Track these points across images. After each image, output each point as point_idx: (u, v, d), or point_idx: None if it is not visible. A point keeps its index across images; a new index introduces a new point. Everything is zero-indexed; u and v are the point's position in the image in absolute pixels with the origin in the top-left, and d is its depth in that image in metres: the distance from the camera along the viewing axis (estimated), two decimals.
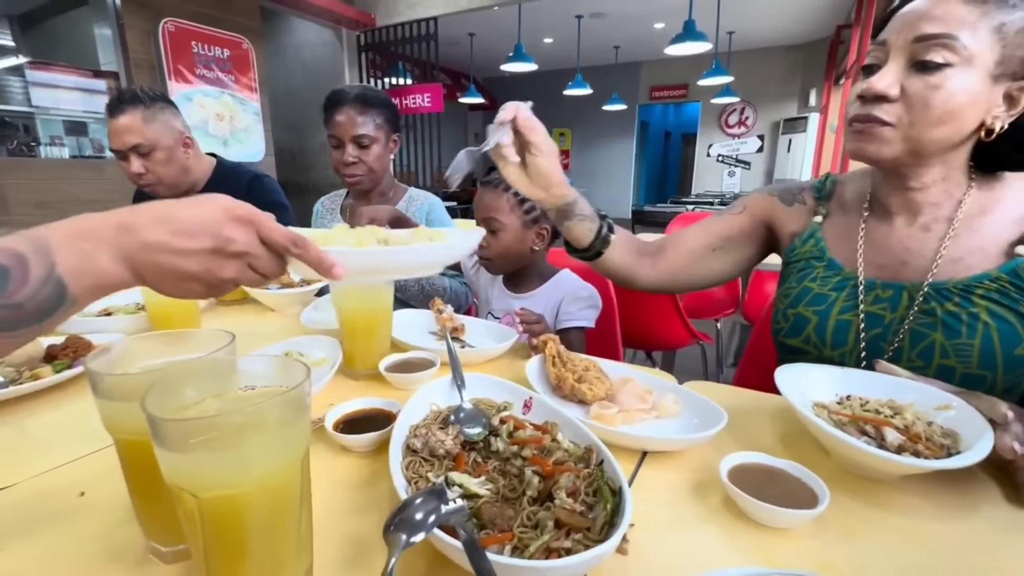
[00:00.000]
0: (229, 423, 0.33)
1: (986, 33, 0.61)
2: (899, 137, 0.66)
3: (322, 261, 0.47)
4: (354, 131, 1.31)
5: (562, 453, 0.52)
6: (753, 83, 8.26)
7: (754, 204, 0.92)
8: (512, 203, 1.10)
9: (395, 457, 0.52)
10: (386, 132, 1.37)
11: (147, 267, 0.41)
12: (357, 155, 1.33)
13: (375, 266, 0.57)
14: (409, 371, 0.78)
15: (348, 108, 1.31)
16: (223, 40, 3.95)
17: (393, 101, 1.42)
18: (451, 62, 8.83)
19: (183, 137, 1.48)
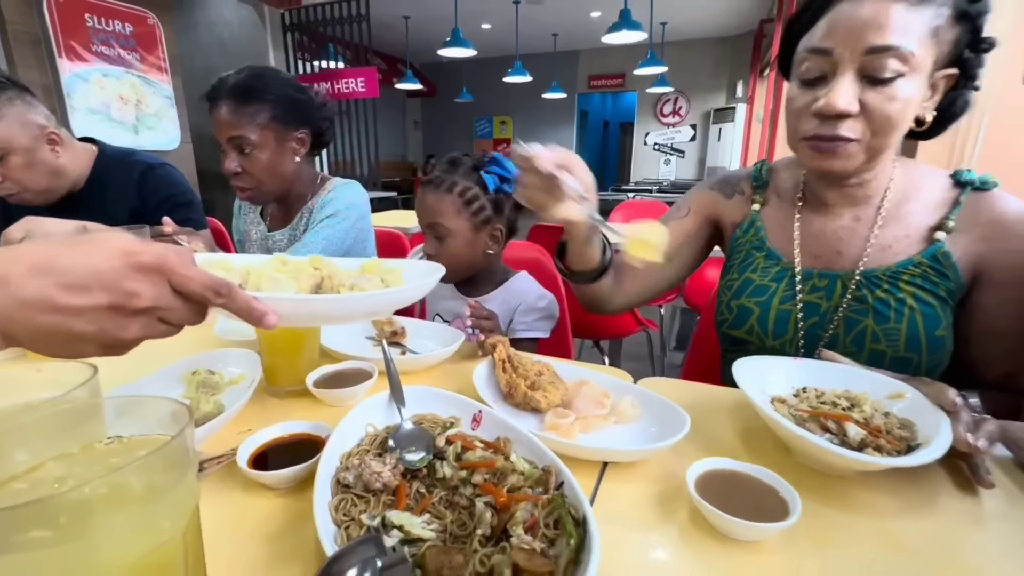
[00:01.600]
0: (69, 503, 0.24)
1: (926, 37, 0.61)
2: (862, 150, 0.66)
3: (252, 309, 0.39)
4: (229, 132, 1.07)
5: (517, 477, 0.46)
6: (686, 74, 8.54)
7: (697, 204, 0.91)
8: (458, 204, 0.96)
9: (321, 497, 0.44)
10: (278, 133, 1.11)
11: (21, 327, 0.33)
12: (239, 163, 1.09)
13: (315, 313, 0.49)
14: (343, 385, 0.69)
15: (223, 103, 1.06)
16: (124, 14, 3.53)
17: (304, 87, 1.17)
18: (387, 46, 8.48)
19: (46, 133, 1.20)
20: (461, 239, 0.98)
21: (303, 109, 1.15)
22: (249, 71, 1.09)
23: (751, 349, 0.81)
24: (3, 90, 1.13)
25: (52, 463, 0.29)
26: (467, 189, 0.97)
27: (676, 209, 0.93)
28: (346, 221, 1.17)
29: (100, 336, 0.35)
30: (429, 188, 0.98)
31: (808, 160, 0.71)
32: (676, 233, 0.90)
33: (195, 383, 0.67)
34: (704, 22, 7.56)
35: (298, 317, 0.49)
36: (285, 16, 4.90)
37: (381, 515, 0.42)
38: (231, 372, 0.72)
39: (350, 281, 0.53)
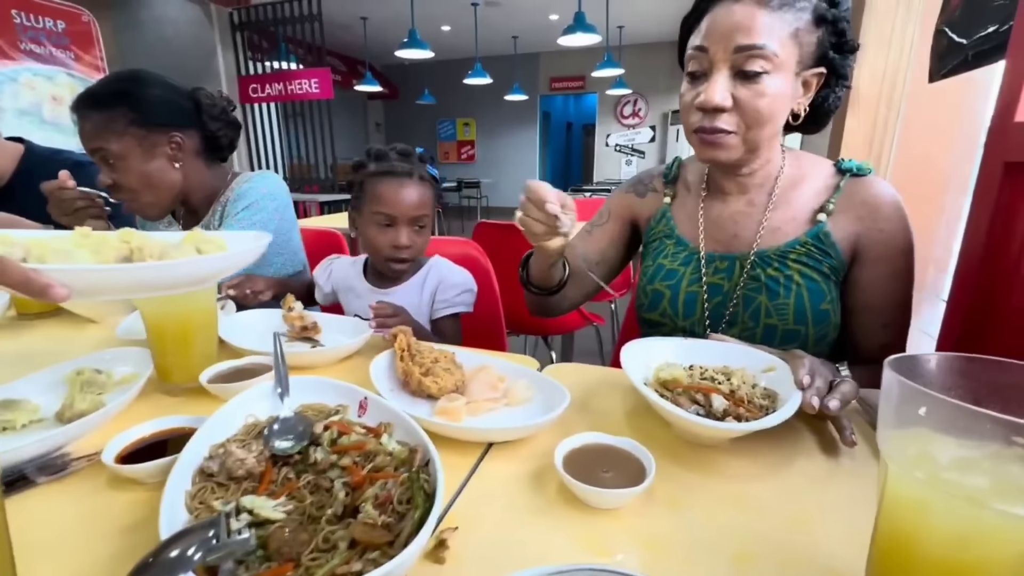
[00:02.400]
0: None
1: (788, 39, 0.67)
2: (739, 141, 0.72)
3: (30, 281, 0.37)
4: (89, 144, 1.01)
5: (384, 457, 0.47)
6: (643, 76, 8.74)
7: (615, 208, 0.96)
8: (433, 194, 1.02)
9: (176, 485, 0.43)
10: (141, 137, 1.02)
11: None
12: (110, 176, 1.03)
13: (113, 285, 0.47)
14: (240, 378, 0.68)
15: (81, 113, 1.00)
16: (55, 10, 3.37)
17: (175, 87, 1.09)
18: (345, 47, 8.36)
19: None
20: (430, 227, 1.03)
21: (175, 110, 1.08)
22: (112, 77, 1.04)
23: (665, 331, 0.85)
24: None
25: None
26: (434, 182, 1.03)
27: (599, 216, 0.98)
28: (262, 212, 1.13)
29: None
30: (411, 181, 0.99)
31: (697, 151, 0.76)
32: (601, 238, 0.95)
33: (79, 383, 0.64)
34: (660, 25, 7.76)
35: (93, 288, 0.46)
36: (234, 15, 4.77)
37: (236, 501, 0.42)
38: (121, 371, 0.69)
39: (160, 252, 0.51)
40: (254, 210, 1.12)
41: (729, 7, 0.68)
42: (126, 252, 0.51)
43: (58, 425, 0.57)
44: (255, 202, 1.12)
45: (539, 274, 0.86)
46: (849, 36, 0.71)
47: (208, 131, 1.12)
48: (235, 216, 1.11)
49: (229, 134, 1.17)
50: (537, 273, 0.87)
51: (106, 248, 0.49)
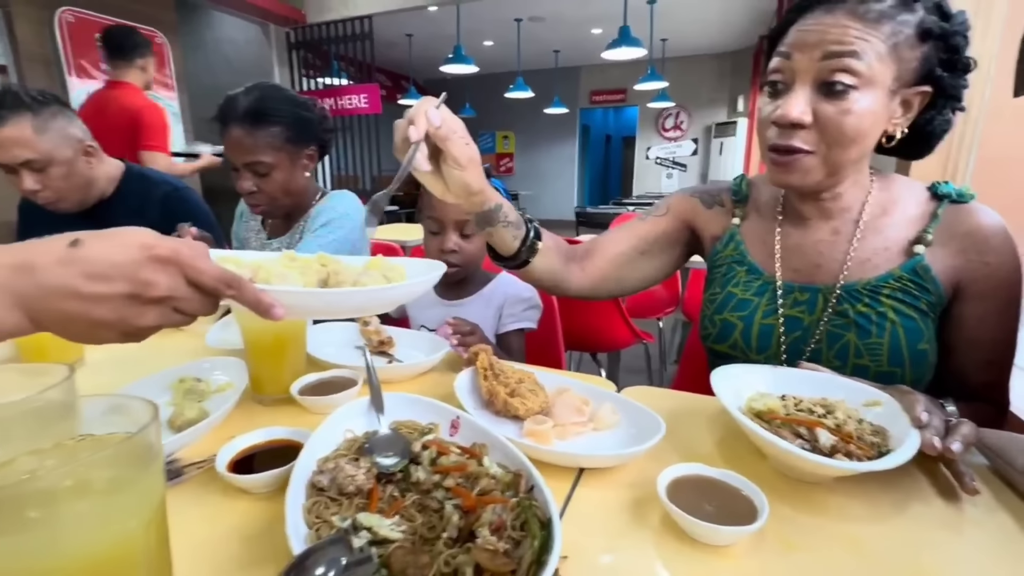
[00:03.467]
0: (33, 491, 0.25)
1: (884, 53, 0.62)
2: (819, 163, 0.67)
3: (260, 302, 0.42)
4: (245, 157, 1.10)
5: (488, 480, 0.47)
6: (686, 89, 8.63)
7: (676, 206, 0.90)
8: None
9: (294, 499, 0.45)
10: (290, 151, 1.14)
11: (49, 313, 0.36)
12: (255, 184, 1.12)
13: (320, 307, 0.52)
14: (328, 393, 0.70)
15: (237, 127, 1.08)
16: None
17: (310, 104, 1.20)
18: (390, 63, 8.63)
19: (83, 146, 1.28)
20: (480, 238, 1.01)
21: (311, 126, 1.18)
22: (259, 92, 1.11)
23: (737, 363, 0.80)
24: (46, 106, 1.20)
25: (24, 457, 0.30)
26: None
27: (655, 207, 0.92)
28: (340, 230, 1.19)
29: (120, 323, 0.37)
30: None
31: (770, 173, 0.72)
32: (653, 228, 0.89)
33: (182, 390, 0.68)
34: (704, 39, 7.67)
35: (304, 309, 0.51)
36: (290, 34, 5.00)
37: (352, 517, 0.43)
38: (218, 380, 0.73)
39: (353, 277, 0.55)
40: (332, 227, 1.17)
41: (819, 17, 0.64)
42: (324, 275, 0.55)
43: (170, 432, 0.60)
44: (332, 220, 1.18)
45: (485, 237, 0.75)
46: (963, 53, 0.65)
47: (322, 141, 1.22)
48: (313, 232, 1.16)
49: (331, 143, 1.27)
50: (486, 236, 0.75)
51: (309, 271, 0.54)
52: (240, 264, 0.54)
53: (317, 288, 0.53)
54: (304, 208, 1.26)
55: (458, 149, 0.61)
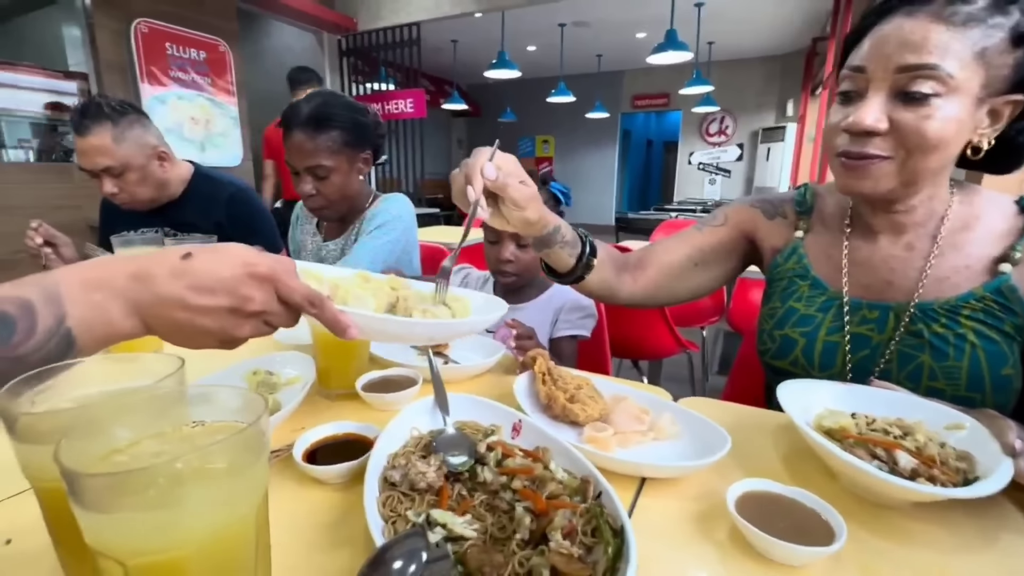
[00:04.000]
0: (165, 474, 0.28)
1: (969, 59, 0.59)
2: (895, 170, 0.64)
3: (338, 322, 0.45)
4: (306, 161, 1.14)
5: (556, 485, 0.47)
6: (732, 93, 8.41)
7: (735, 216, 0.88)
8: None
9: (370, 492, 0.47)
10: (348, 155, 1.19)
11: (160, 320, 0.40)
12: (315, 187, 1.17)
13: (391, 333, 0.55)
14: (389, 390, 0.72)
15: (299, 132, 1.13)
16: (199, 42, 3.85)
17: (366, 109, 1.24)
18: (435, 69, 8.79)
19: (157, 151, 1.38)
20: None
21: (367, 131, 1.22)
22: (320, 99, 1.16)
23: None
24: (125, 114, 1.30)
25: (148, 440, 0.33)
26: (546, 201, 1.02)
27: (712, 216, 0.90)
28: (393, 232, 1.23)
29: (220, 333, 0.41)
30: None
31: (839, 179, 0.69)
32: (710, 238, 0.87)
33: (255, 382, 0.72)
34: (752, 42, 7.46)
35: (373, 332, 0.53)
36: (342, 42, 5.18)
37: (426, 512, 0.45)
38: (287, 373, 0.76)
39: (422, 306, 0.57)
40: (385, 230, 1.21)
41: (899, 22, 0.61)
42: (394, 299, 0.58)
43: None
44: (386, 223, 1.21)
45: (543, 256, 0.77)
46: None
47: (376, 146, 1.26)
48: (368, 233, 1.20)
49: (383, 146, 1.31)
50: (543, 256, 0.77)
51: (381, 293, 0.57)
52: (320, 280, 0.58)
53: (387, 314, 0.56)
54: (358, 211, 1.30)
55: (516, 193, 0.63)
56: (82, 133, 1.26)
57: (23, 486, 0.53)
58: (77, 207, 3.30)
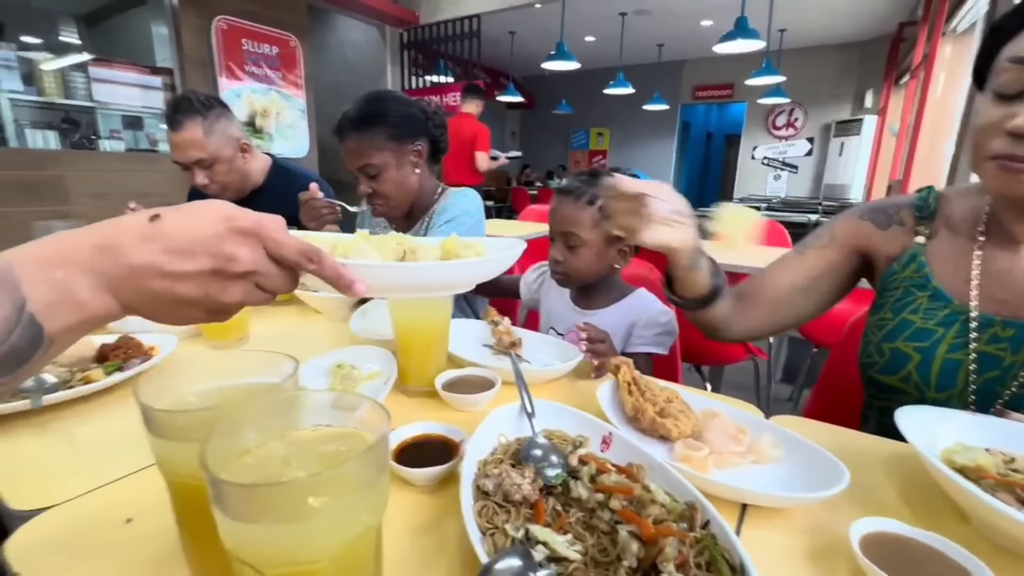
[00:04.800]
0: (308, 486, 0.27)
1: None
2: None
3: (341, 276, 0.41)
4: (356, 162, 1.16)
5: (659, 509, 0.45)
6: (804, 83, 7.90)
7: (843, 233, 0.82)
8: (596, 218, 0.96)
9: (466, 502, 0.46)
10: (395, 149, 1.17)
11: (136, 294, 0.35)
12: (370, 186, 1.18)
13: (401, 282, 0.51)
14: (466, 389, 0.72)
15: (347, 137, 1.15)
16: (272, 37, 4.02)
17: (412, 101, 1.23)
18: (490, 61, 8.79)
19: (241, 143, 1.46)
20: (593, 251, 0.99)
21: (415, 122, 1.20)
22: (364, 100, 1.17)
23: (906, 399, 0.70)
24: (212, 109, 1.37)
25: (273, 443, 0.33)
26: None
27: (816, 237, 0.84)
28: (462, 226, 1.23)
29: (205, 300, 0.36)
30: (567, 198, 0.99)
31: (994, 181, 0.62)
32: (817, 262, 0.82)
33: (340, 376, 0.73)
34: (829, 28, 6.97)
35: (384, 286, 0.50)
36: (403, 35, 5.27)
37: (524, 527, 0.43)
38: (368, 368, 0.77)
39: (431, 255, 0.55)
40: (455, 224, 1.20)
41: None
42: (400, 253, 0.56)
43: None
44: (455, 217, 1.21)
45: (679, 283, 0.75)
46: None
47: (433, 137, 1.24)
48: (438, 228, 1.21)
49: (445, 138, 1.29)
50: (678, 283, 0.76)
51: (386, 249, 0.55)
52: (321, 241, 0.54)
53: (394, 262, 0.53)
54: (426, 206, 1.30)
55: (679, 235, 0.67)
56: (175, 128, 1.33)
57: (142, 463, 0.57)
58: (163, 194, 3.54)
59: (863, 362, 0.78)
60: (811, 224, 4.31)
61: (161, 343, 0.85)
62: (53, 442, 0.62)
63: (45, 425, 0.65)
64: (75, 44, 4.41)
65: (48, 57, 3.56)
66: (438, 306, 0.73)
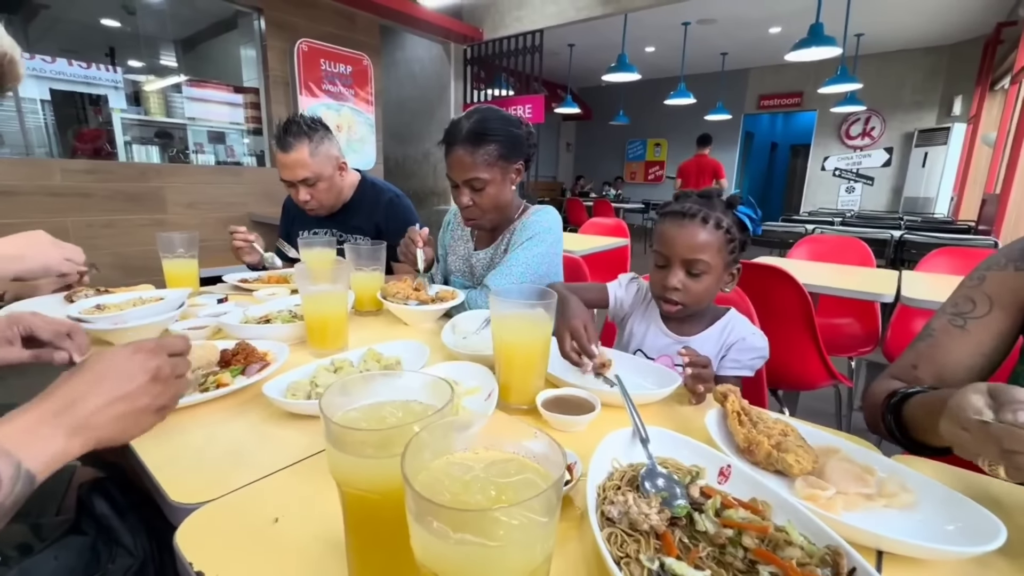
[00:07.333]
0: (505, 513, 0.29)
1: None
2: None
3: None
4: (465, 175, 1.19)
5: (798, 551, 0.43)
6: (882, 90, 7.45)
7: (999, 292, 0.73)
8: (722, 241, 0.93)
9: (597, 529, 0.46)
10: (503, 167, 1.21)
11: (104, 426, 0.47)
12: (472, 198, 1.22)
13: None
14: (564, 409, 0.72)
15: (459, 148, 1.18)
16: (346, 57, 4.25)
17: (520, 122, 1.25)
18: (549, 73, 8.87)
19: (339, 162, 1.56)
20: (715, 277, 0.95)
21: (520, 143, 1.23)
22: (478, 115, 1.20)
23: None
24: (317, 130, 1.48)
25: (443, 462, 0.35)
26: (730, 227, 0.94)
27: (965, 301, 0.75)
28: (543, 244, 1.24)
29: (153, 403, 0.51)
30: (691, 222, 0.93)
31: None
32: (984, 337, 0.73)
33: None
34: (912, 31, 6.53)
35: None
36: (467, 51, 5.42)
37: (658, 559, 0.43)
38: (468, 384, 0.80)
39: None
40: (536, 241, 1.22)
41: None
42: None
43: None
44: (537, 234, 1.23)
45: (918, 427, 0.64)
46: None
47: (528, 157, 1.28)
48: (520, 245, 1.23)
49: (534, 158, 1.32)
50: (916, 423, 0.64)
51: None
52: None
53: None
54: (508, 221, 1.33)
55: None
56: (285, 149, 1.44)
57: (282, 463, 0.61)
58: (244, 204, 3.81)
59: None
60: (893, 241, 4.03)
61: (274, 349, 0.92)
62: (194, 441, 0.68)
63: (183, 425, 0.71)
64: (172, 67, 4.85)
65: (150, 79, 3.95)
66: (540, 324, 0.75)
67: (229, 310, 1.16)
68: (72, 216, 3.09)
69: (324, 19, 4.08)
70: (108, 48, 4.40)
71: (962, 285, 0.79)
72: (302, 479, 0.59)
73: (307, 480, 0.59)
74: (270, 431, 0.70)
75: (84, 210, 3.13)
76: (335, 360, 0.84)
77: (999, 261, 0.75)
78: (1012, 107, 4.29)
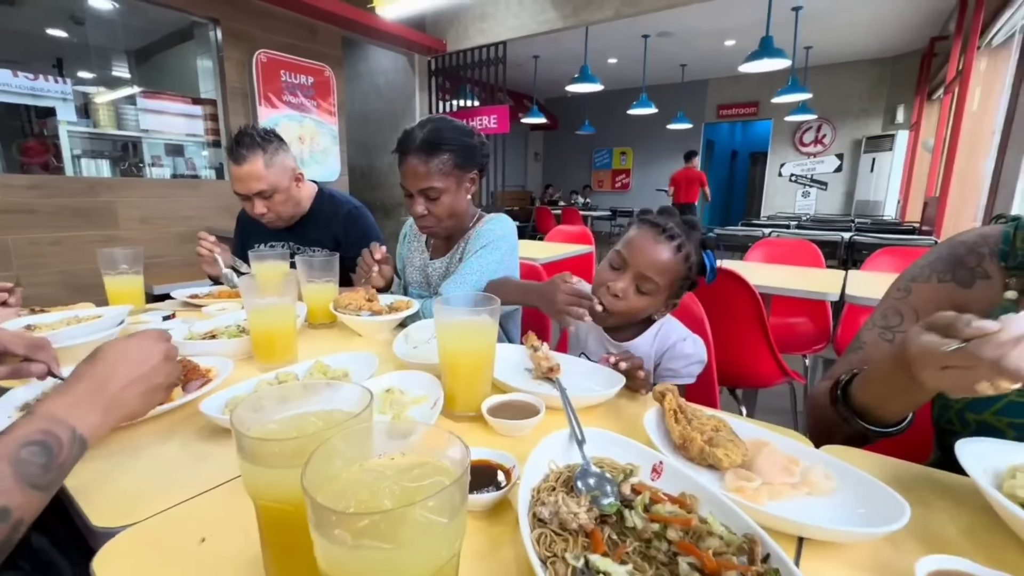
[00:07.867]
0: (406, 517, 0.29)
1: None
2: None
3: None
4: (420, 184, 1.19)
5: (717, 541, 0.45)
6: (832, 99, 7.84)
7: (924, 303, 0.73)
8: (681, 270, 0.96)
9: (525, 530, 0.47)
10: (458, 176, 1.22)
11: (129, 402, 0.58)
12: (426, 207, 1.22)
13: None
14: (510, 414, 0.73)
15: (413, 157, 1.18)
16: (307, 68, 4.21)
17: (473, 132, 1.26)
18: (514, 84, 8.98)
19: (295, 173, 1.54)
20: (661, 299, 0.98)
21: (474, 152, 1.24)
22: (432, 125, 1.21)
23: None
24: (271, 142, 1.46)
25: (356, 470, 0.35)
26: (693, 265, 0.97)
27: (894, 314, 0.75)
28: (498, 251, 1.25)
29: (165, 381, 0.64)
30: (663, 240, 0.94)
31: None
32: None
33: (389, 400, 0.76)
34: (857, 44, 6.91)
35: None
36: (431, 62, 5.44)
37: (583, 556, 0.44)
38: (415, 392, 0.80)
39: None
40: (491, 249, 1.23)
41: None
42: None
43: None
44: (491, 243, 1.24)
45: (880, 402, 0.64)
46: None
47: (482, 167, 1.29)
48: (475, 253, 1.24)
49: (486, 168, 1.33)
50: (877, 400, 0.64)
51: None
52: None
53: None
54: (463, 230, 1.34)
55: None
56: (238, 162, 1.41)
57: (209, 484, 0.59)
58: (202, 218, 3.70)
59: (941, 427, 0.73)
60: (844, 242, 4.21)
61: (217, 365, 0.89)
62: (123, 462, 0.66)
63: (110, 446, 0.68)
64: (125, 78, 4.70)
65: (101, 91, 3.81)
66: (485, 330, 0.75)
67: (174, 327, 1.12)
68: (13, 234, 2.94)
69: (283, 30, 4.04)
70: (56, 59, 4.24)
71: (889, 295, 0.79)
72: (235, 496, 0.58)
73: (241, 496, 0.57)
74: (206, 449, 0.68)
75: (28, 227, 2.99)
76: (279, 374, 0.83)
77: (924, 272, 0.76)
78: (947, 115, 4.57)
